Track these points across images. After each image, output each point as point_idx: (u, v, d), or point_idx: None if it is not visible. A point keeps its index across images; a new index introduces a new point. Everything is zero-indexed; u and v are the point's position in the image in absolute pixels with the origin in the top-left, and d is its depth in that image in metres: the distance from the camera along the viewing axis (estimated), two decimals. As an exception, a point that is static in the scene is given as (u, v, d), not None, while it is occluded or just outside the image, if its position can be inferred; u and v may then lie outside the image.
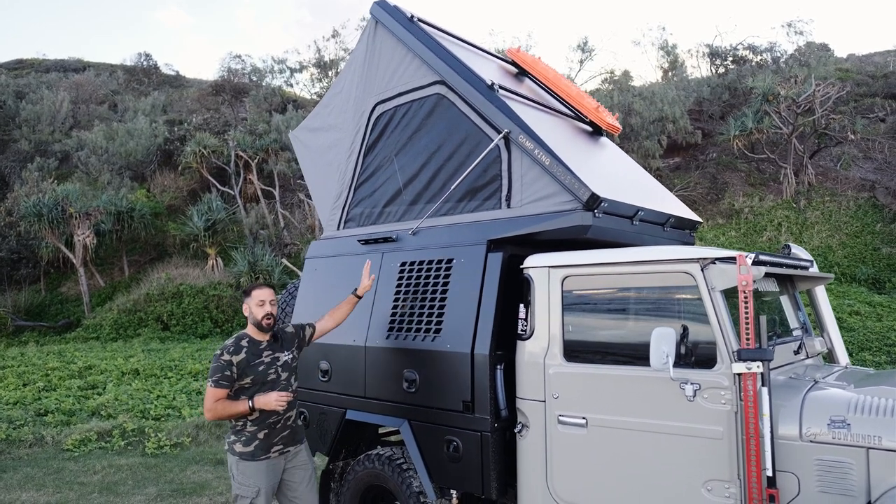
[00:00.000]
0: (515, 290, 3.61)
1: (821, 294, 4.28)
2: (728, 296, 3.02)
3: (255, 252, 16.89)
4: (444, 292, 3.77)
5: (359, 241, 4.39)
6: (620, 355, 3.20)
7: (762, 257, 3.06)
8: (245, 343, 3.40)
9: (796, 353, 3.63)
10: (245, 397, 3.31)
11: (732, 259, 2.96)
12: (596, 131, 5.11)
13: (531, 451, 3.41)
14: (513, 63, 5.35)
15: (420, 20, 4.49)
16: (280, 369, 3.45)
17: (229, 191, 21.27)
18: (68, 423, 7.98)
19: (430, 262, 3.92)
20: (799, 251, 4.20)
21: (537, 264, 3.51)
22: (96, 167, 22.53)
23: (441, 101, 4.11)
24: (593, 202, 3.34)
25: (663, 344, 2.87)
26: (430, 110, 4.18)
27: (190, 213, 19.22)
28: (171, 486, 5.82)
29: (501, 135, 3.71)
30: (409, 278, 3.99)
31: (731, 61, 23.57)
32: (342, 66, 23.67)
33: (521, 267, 3.59)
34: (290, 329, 3.65)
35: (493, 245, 3.67)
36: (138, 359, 11.74)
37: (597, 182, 3.51)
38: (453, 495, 3.69)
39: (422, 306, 3.86)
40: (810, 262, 4.08)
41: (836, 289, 13.23)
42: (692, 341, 2.98)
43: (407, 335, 3.87)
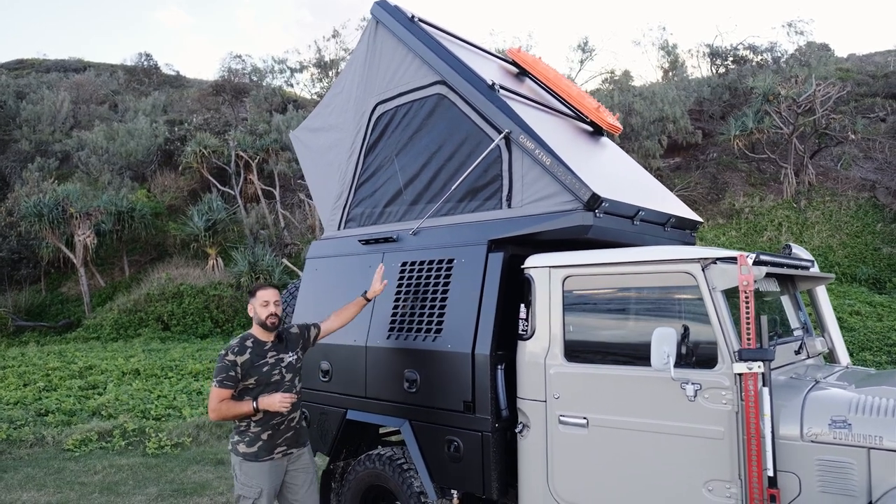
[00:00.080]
0: (516, 290, 3.60)
1: (821, 294, 4.28)
2: (729, 296, 3.02)
3: (255, 252, 16.89)
4: (444, 292, 3.77)
5: (359, 241, 4.39)
6: (621, 355, 3.20)
7: (763, 257, 3.06)
8: (249, 343, 3.39)
9: (797, 353, 3.63)
10: (249, 398, 3.30)
11: (733, 259, 2.96)
12: (596, 131, 5.11)
13: (532, 451, 3.41)
14: (513, 63, 5.35)
15: (421, 20, 4.49)
16: (284, 370, 3.44)
17: (230, 191, 21.28)
18: (69, 423, 7.98)
19: (431, 262, 3.92)
20: (800, 251, 4.20)
21: (538, 264, 3.51)
22: (97, 167, 22.55)
23: (442, 102, 4.11)
24: (594, 202, 3.34)
25: (664, 344, 2.87)
26: (430, 110, 4.18)
27: (190, 213, 19.23)
28: (171, 486, 5.82)
29: (502, 135, 3.71)
30: (410, 278, 3.99)
31: (732, 61, 23.57)
32: (342, 66, 23.66)
33: (522, 267, 3.59)
34: (295, 330, 3.64)
35: (494, 245, 3.67)
36: (139, 359, 11.74)
37: (597, 182, 3.51)
38: (454, 495, 3.69)
39: (422, 306, 3.86)
40: (811, 262, 4.08)
41: (836, 289, 13.22)
42: (693, 341, 2.98)
43: (408, 335, 3.87)
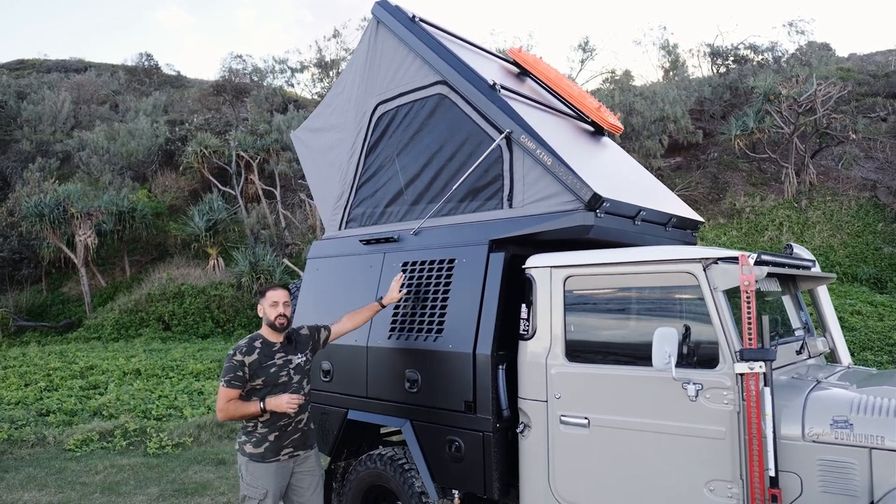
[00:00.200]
0: (517, 290, 3.60)
1: (823, 294, 4.28)
2: (730, 296, 3.01)
3: (256, 252, 16.90)
4: (445, 292, 3.77)
5: (360, 241, 4.39)
6: (622, 355, 3.20)
7: (764, 257, 3.05)
8: (258, 344, 3.39)
9: (798, 352, 3.63)
10: (257, 398, 3.30)
11: (735, 259, 2.95)
12: (597, 131, 5.11)
13: (533, 451, 3.41)
14: (514, 63, 5.35)
15: (421, 20, 4.49)
16: (292, 372, 3.43)
17: (230, 191, 21.28)
18: (70, 423, 7.99)
19: (432, 263, 3.92)
20: (801, 251, 4.20)
21: (539, 264, 3.51)
22: (98, 167, 22.55)
23: (443, 102, 4.11)
24: (595, 202, 3.34)
25: (665, 344, 2.87)
26: (431, 110, 4.18)
27: (191, 214, 19.24)
28: (172, 486, 5.82)
29: (503, 135, 3.71)
30: (411, 278, 3.99)
31: (733, 61, 23.55)
32: (343, 66, 23.69)
33: (523, 267, 3.59)
34: (305, 331, 3.63)
35: (495, 245, 3.67)
36: (140, 359, 11.74)
37: (598, 182, 3.51)
38: (455, 495, 3.69)
39: (423, 306, 3.86)
40: (812, 261, 4.08)
41: (837, 288, 13.21)
42: (694, 341, 2.98)
43: (409, 335, 3.87)
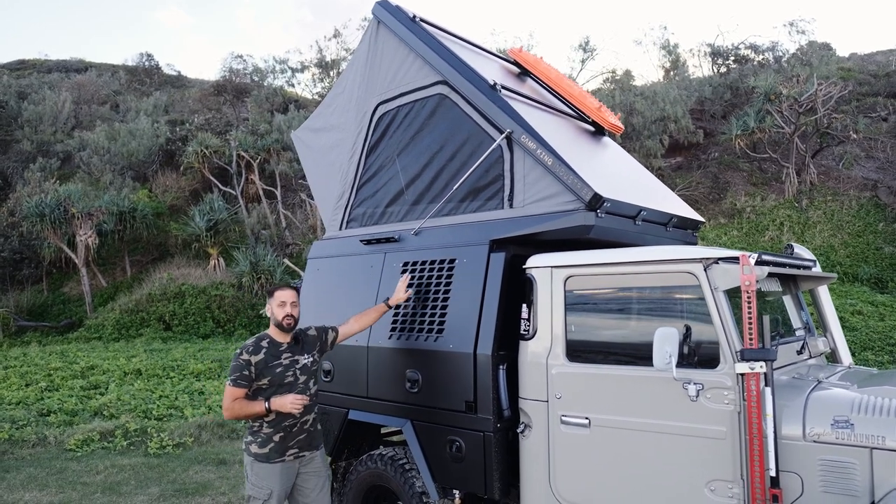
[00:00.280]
0: (518, 290, 3.60)
1: (823, 294, 4.27)
2: (731, 295, 3.01)
3: (256, 252, 16.90)
4: (446, 292, 3.77)
5: (361, 241, 4.39)
6: (623, 355, 3.20)
7: (765, 257, 3.05)
8: (265, 344, 3.39)
9: (799, 352, 3.62)
10: (262, 398, 3.30)
11: (735, 259, 2.95)
12: (598, 131, 5.11)
13: (534, 451, 3.41)
14: (515, 63, 5.34)
15: (422, 20, 4.49)
16: (299, 372, 3.43)
17: (231, 191, 21.28)
18: (71, 423, 7.99)
19: (433, 263, 3.92)
20: (802, 251, 4.20)
21: (540, 264, 3.51)
22: (98, 167, 22.57)
23: (443, 102, 4.11)
24: (596, 202, 3.34)
25: (666, 344, 2.86)
26: (432, 110, 4.18)
27: (192, 214, 19.25)
28: (173, 486, 5.82)
29: (504, 135, 3.71)
30: (412, 278, 3.99)
31: (733, 61, 23.55)
32: (344, 66, 23.69)
33: (524, 267, 3.59)
34: (313, 332, 3.62)
35: (496, 245, 3.67)
36: (140, 359, 11.75)
37: (599, 182, 3.51)
38: (456, 495, 3.69)
39: (424, 306, 3.86)
40: (813, 261, 4.07)
41: (838, 288, 13.21)
42: (695, 341, 2.98)
43: (409, 335, 3.87)
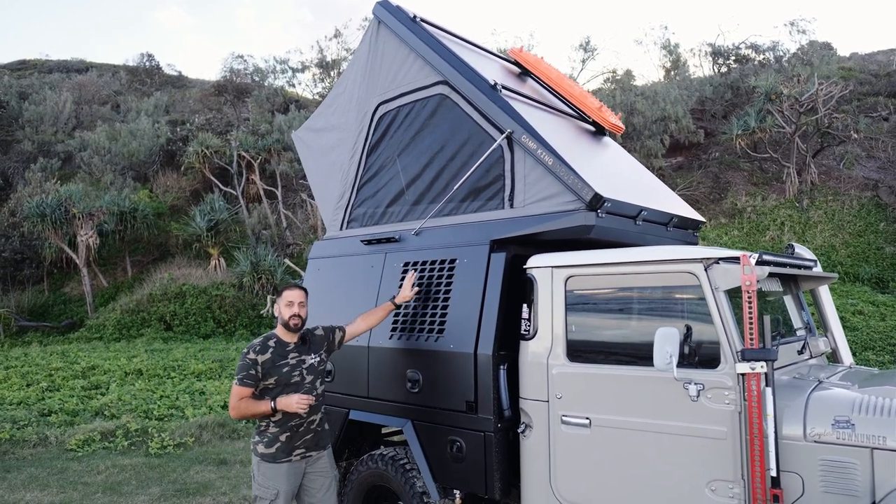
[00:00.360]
0: (519, 290, 3.60)
1: (824, 294, 4.27)
2: (732, 295, 3.01)
3: (257, 252, 16.91)
4: (447, 292, 3.77)
5: (362, 241, 4.40)
6: (624, 355, 3.20)
7: (766, 257, 3.05)
8: (272, 343, 3.39)
9: (800, 352, 3.62)
10: (269, 398, 3.30)
11: (736, 259, 2.95)
12: (599, 131, 5.11)
13: (534, 451, 3.41)
14: (515, 63, 5.34)
15: (422, 20, 4.49)
16: (305, 372, 3.43)
17: (232, 191, 21.29)
18: (72, 423, 7.99)
19: (434, 263, 3.92)
20: (802, 251, 4.20)
21: (540, 264, 3.51)
22: (99, 168, 22.59)
23: (444, 102, 4.11)
24: (596, 202, 3.34)
25: (667, 344, 2.86)
26: (432, 110, 4.18)
27: (192, 214, 19.26)
28: (174, 486, 5.83)
29: (504, 135, 3.71)
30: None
31: (734, 60, 23.54)
32: (344, 66, 23.70)
33: (525, 267, 3.59)
34: (320, 332, 3.63)
35: (497, 245, 3.67)
36: (141, 359, 11.76)
37: (600, 182, 3.51)
38: (457, 495, 3.69)
39: (425, 306, 3.86)
40: (814, 261, 4.07)
41: (839, 288, 13.20)
42: (696, 341, 2.97)
43: (410, 335, 3.87)
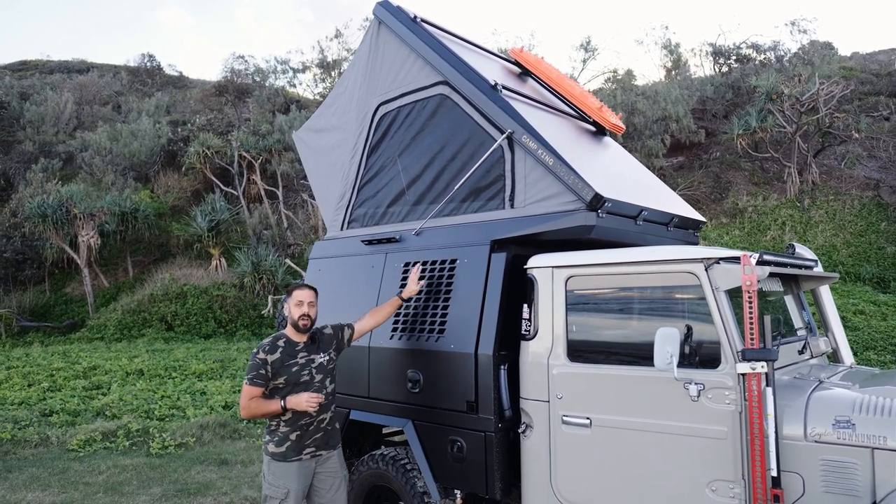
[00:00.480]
0: (519, 291, 3.60)
1: (825, 293, 4.27)
2: (732, 295, 3.01)
3: (258, 252, 16.93)
4: (447, 293, 3.77)
5: (362, 241, 4.40)
6: (624, 355, 3.20)
7: (766, 257, 3.05)
8: (281, 343, 3.41)
9: (801, 352, 3.62)
10: (278, 397, 3.31)
11: (737, 259, 2.95)
12: (599, 131, 5.11)
13: (535, 451, 3.41)
14: (516, 63, 5.34)
15: (423, 20, 4.49)
16: (315, 371, 3.44)
17: (233, 191, 21.31)
18: (73, 423, 8.00)
19: (434, 263, 3.92)
20: (803, 250, 4.19)
21: (541, 264, 3.51)
22: (100, 168, 22.61)
23: (444, 102, 4.11)
24: (597, 202, 3.34)
25: (667, 344, 2.86)
26: (433, 111, 4.18)
27: (193, 214, 19.28)
28: (175, 487, 5.83)
29: (505, 135, 3.71)
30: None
31: (735, 60, 23.53)
32: (345, 66, 23.70)
33: (525, 267, 3.59)
34: (329, 331, 3.63)
35: (497, 245, 3.67)
36: (142, 359, 11.77)
37: (600, 182, 3.51)
38: (457, 495, 3.69)
39: (425, 306, 3.87)
40: (815, 261, 4.07)
41: (840, 288, 13.19)
42: (696, 341, 2.97)
43: (411, 335, 3.88)
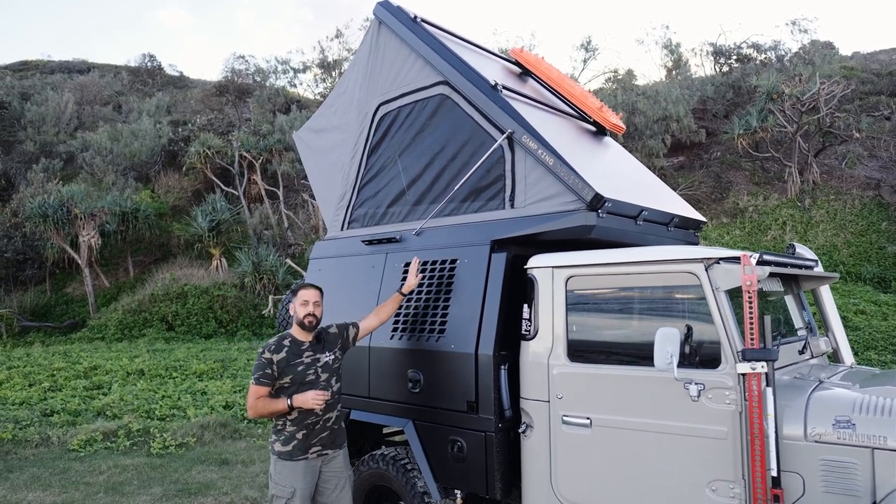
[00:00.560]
0: (519, 291, 3.60)
1: (826, 293, 4.27)
2: (732, 295, 3.01)
3: (259, 252, 16.94)
4: (448, 293, 3.77)
5: (363, 241, 4.40)
6: (624, 355, 3.20)
7: (767, 257, 3.05)
8: (287, 343, 3.42)
9: (801, 352, 3.62)
10: (285, 396, 3.32)
11: (737, 259, 2.95)
12: (600, 131, 5.11)
13: (535, 451, 3.41)
14: (516, 63, 5.35)
15: (423, 20, 4.49)
16: (320, 370, 3.44)
17: (233, 191, 21.32)
18: (74, 423, 8.01)
19: (434, 263, 3.92)
20: (804, 250, 4.19)
21: (541, 264, 3.51)
22: (101, 168, 22.63)
23: (445, 102, 4.11)
24: (597, 202, 3.34)
25: (667, 344, 2.87)
26: (433, 111, 4.18)
27: (194, 214, 19.30)
28: (176, 487, 5.83)
29: (505, 135, 3.71)
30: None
31: (735, 60, 23.53)
32: (346, 66, 23.71)
33: (525, 267, 3.59)
34: (334, 330, 3.64)
35: (497, 245, 3.68)
36: (143, 359, 11.78)
37: (600, 182, 3.51)
38: (458, 495, 3.69)
39: (426, 306, 3.87)
40: (815, 261, 4.07)
41: (841, 288, 13.18)
42: (696, 341, 2.98)
43: (411, 335, 3.88)
